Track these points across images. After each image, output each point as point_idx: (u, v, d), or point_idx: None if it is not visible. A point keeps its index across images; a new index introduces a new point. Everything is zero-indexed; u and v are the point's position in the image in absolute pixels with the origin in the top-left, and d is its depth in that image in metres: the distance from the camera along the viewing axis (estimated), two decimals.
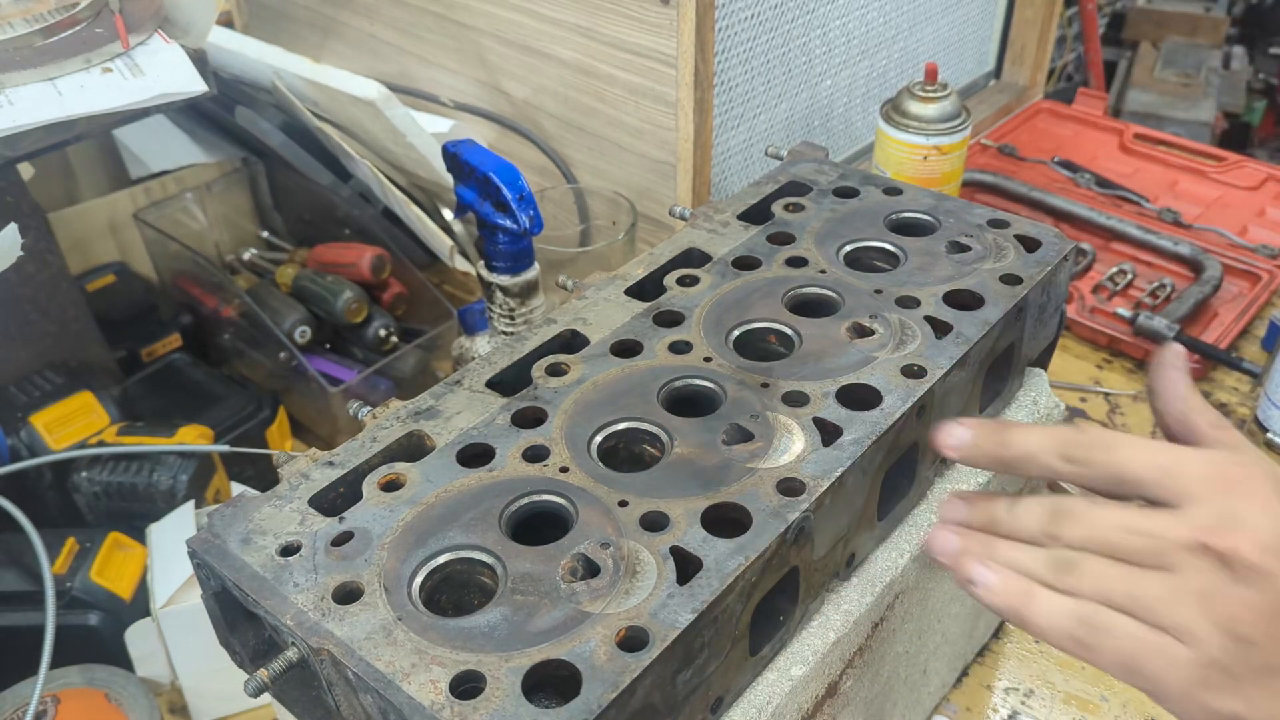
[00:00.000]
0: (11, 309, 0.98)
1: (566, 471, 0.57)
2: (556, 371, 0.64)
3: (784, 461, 0.57)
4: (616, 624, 0.48)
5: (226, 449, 0.96)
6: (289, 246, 1.29)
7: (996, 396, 0.74)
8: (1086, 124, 1.55)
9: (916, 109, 1.15)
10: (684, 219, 0.81)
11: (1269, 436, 1.06)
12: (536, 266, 0.88)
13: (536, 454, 0.58)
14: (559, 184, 1.17)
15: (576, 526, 0.53)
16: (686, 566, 0.51)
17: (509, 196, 0.81)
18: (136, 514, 0.91)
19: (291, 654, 0.49)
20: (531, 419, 0.61)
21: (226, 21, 1.44)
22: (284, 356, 1.10)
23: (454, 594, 0.53)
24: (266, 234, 1.32)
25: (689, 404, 0.62)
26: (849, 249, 0.75)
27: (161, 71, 0.89)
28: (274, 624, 0.50)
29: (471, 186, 0.84)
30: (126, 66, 0.89)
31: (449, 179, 0.86)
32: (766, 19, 1.09)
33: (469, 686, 0.46)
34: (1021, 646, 0.89)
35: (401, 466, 0.58)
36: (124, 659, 0.85)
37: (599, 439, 0.60)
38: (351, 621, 0.49)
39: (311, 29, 1.38)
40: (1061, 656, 0.52)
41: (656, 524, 0.53)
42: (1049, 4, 1.52)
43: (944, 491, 0.70)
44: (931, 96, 1.15)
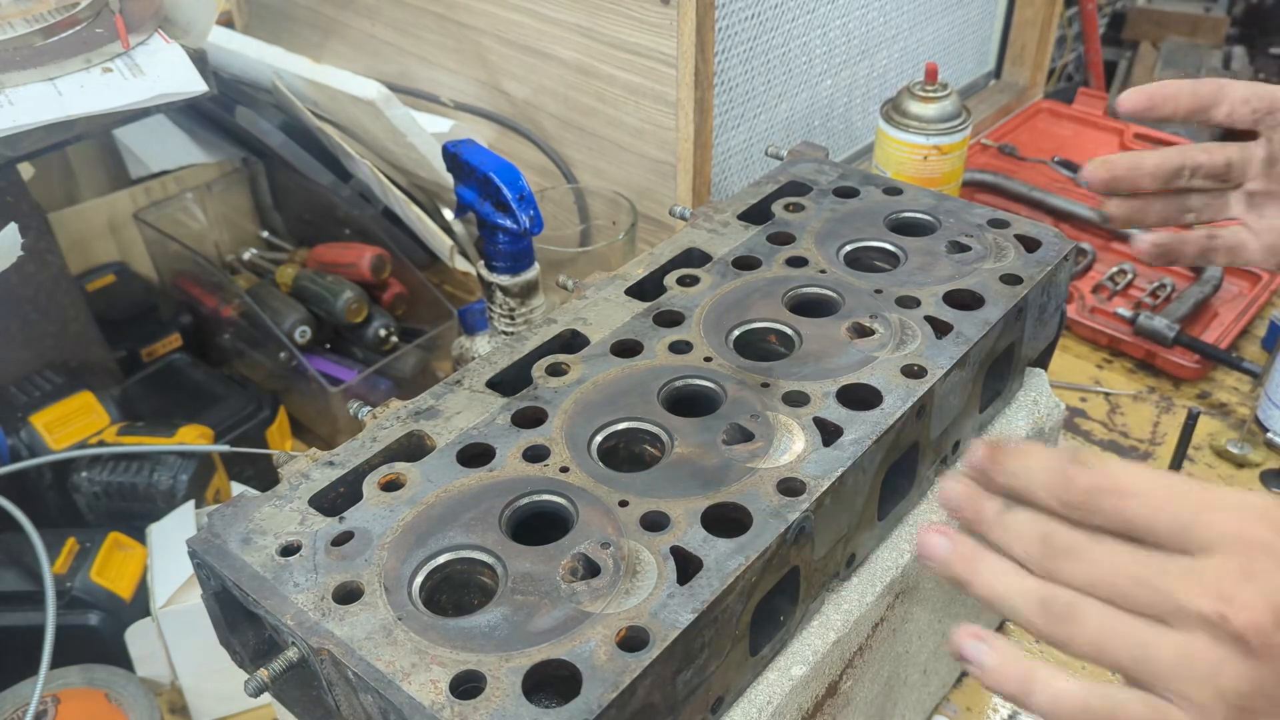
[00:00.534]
0: (11, 309, 0.98)
1: (567, 471, 0.57)
2: (556, 371, 0.64)
3: (784, 461, 0.57)
4: (617, 624, 0.48)
5: (226, 449, 0.96)
6: (289, 246, 1.29)
7: (996, 396, 0.74)
8: (1086, 124, 1.55)
9: (917, 109, 1.15)
10: (684, 219, 0.81)
11: (1269, 436, 1.06)
12: (536, 266, 0.88)
13: (537, 454, 0.58)
14: (559, 184, 1.17)
15: (577, 526, 0.53)
16: (687, 566, 0.51)
17: (509, 196, 0.81)
18: (136, 514, 0.91)
19: (291, 654, 0.49)
20: (532, 419, 0.61)
21: (226, 21, 1.44)
22: (284, 356, 1.10)
23: (454, 594, 0.53)
24: (266, 234, 1.32)
25: (689, 404, 0.62)
26: (849, 249, 0.75)
27: (161, 71, 0.89)
28: (274, 624, 0.50)
29: (471, 186, 0.84)
30: (126, 66, 0.89)
31: (449, 179, 0.86)
32: (767, 19, 1.09)
33: (469, 686, 0.46)
34: (1022, 646, 0.88)
35: (401, 466, 0.58)
36: (124, 659, 0.85)
37: (599, 439, 0.60)
38: (351, 621, 0.49)
39: (311, 29, 1.38)
40: (1061, 656, 0.52)
41: (657, 524, 0.53)
42: (1049, 4, 1.52)
43: None
44: (931, 96, 1.15)
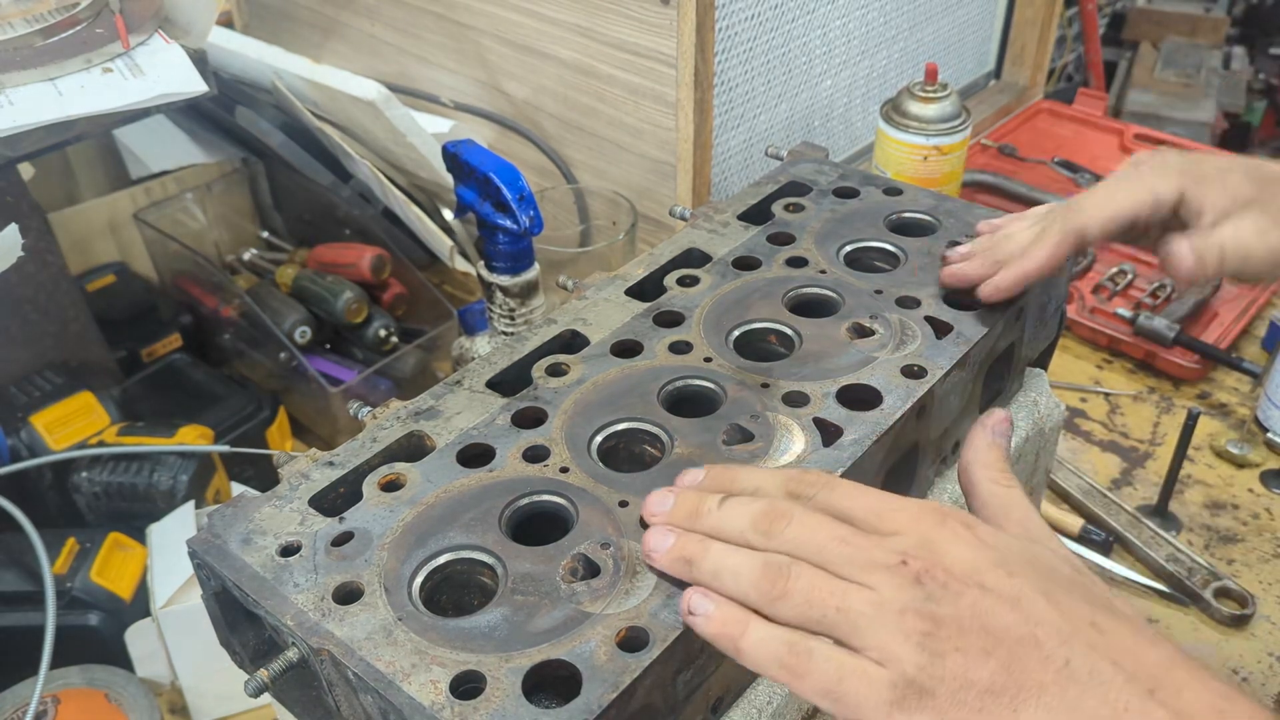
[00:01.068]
0: (11, 309, 0.98)
1: (567, 472, 0.57)
2: (556, 372, 0.64)
3: (784, 461, 0.57)
4: (617, 624, 0.48)
5: (226, 449, 0.96)
6: (289, 246, 1.29)
7: (996, 397, 0.74)
8: (1086, 124, 1.55)
9: (917, 109, 1.15)
10: (684, 219, 0.81)
11: (1269, 436, 1.06)
12: (536, 266, 0.87)
13: (537, 454, 0.58)
14: (559, 184, 1.17)
15: (577, 526, 0.53)
16: None
17: (509, 196, 0.81)
18: (136, 514, 0.91)
19: (291, 654, 0.49)
20: (531, 419, 0.61)
21: (226, 21, 1.44)
22: (284, 356, 1.10)
23: (454, 594, 0.53)
24: (266, 234, 1.32)
25: (689, 404, 0.62)
26: (849, 249, 0.75)
27: (161, 71, 0.89)
28: (274, 624, 0.50)
29: (471, 186, 0.84)
30: (127, 66, 0.89)
31: (449, 179, 0.86)
32: (766, 19, 1.09)
33: (469, 687, 0.46)
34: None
35: (401, 466, 0.58)
36: (124, 659, 0.85)
37: (599, 439, 0.59)
38: (351, 621, 0.49)
39: (311, 29, 1.38)
40: None
41: None
42: (1049, 4, 1.52)
43: (944, 491, 0.70)
44: (931, 96, 1.15)
